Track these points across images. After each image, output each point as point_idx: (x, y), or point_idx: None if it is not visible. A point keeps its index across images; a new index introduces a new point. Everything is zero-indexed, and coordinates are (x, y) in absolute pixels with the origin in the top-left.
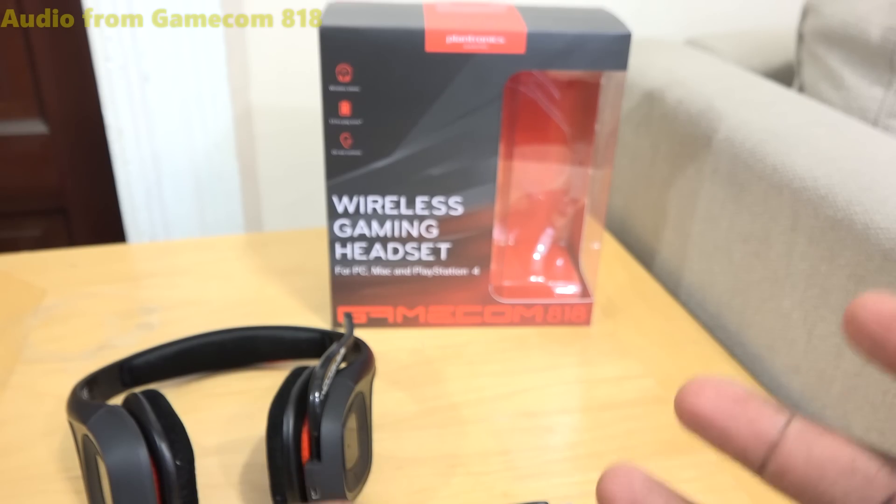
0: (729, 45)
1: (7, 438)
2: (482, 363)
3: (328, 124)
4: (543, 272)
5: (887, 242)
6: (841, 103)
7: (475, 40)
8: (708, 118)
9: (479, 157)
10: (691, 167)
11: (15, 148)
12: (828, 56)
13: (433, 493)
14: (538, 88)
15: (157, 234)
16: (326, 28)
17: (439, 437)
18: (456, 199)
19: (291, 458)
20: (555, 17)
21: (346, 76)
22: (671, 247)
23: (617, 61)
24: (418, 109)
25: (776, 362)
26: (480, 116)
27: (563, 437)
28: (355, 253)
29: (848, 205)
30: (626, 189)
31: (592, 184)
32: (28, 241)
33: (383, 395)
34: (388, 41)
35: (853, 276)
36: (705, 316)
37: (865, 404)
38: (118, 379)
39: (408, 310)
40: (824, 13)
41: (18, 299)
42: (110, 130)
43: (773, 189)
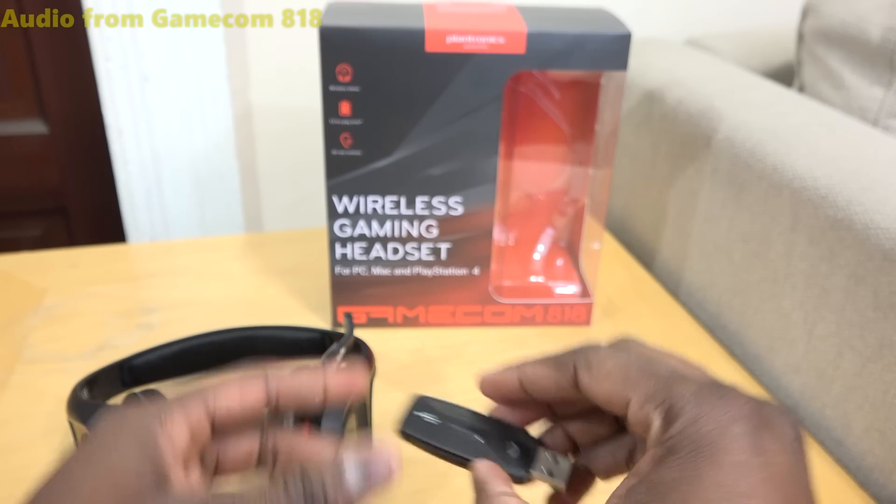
0: (729, 45)
1: (7, 438)
2: (482, 363)
3: (328, 124)
4: (543, 272)
5: (887, 242)
6: (841, 103)
7: (475, 40)
8: (708, 118)
9: (479, 157)
10: (691, 167)
11: (15, 148)
12: (828, 56)
13: (433, 493)
14: (538, 88)
15: (157, 234)
16: (326, 28)
17: None
18: (456, 199)
19: None
20: (555, 17)
21: (346, 76)
22: (671, 247)
23: (617, 61)
24: (418, 109)
25: (776, 362)
26: (480, 116)
27: None
28: (355, 253)
29: (848, 205)
30: (626, 189)
31: (592, 184)
32: (28, 241)
33: (383, 395)
34: (388, 41)
35: (853, 276)
36: (705, 316)
37: (865, 404)
38: (118, 379)
39: (408, 310)
40: (824, 13)
41: (18, 299)
42: (110, 130)
43: (773, 189)
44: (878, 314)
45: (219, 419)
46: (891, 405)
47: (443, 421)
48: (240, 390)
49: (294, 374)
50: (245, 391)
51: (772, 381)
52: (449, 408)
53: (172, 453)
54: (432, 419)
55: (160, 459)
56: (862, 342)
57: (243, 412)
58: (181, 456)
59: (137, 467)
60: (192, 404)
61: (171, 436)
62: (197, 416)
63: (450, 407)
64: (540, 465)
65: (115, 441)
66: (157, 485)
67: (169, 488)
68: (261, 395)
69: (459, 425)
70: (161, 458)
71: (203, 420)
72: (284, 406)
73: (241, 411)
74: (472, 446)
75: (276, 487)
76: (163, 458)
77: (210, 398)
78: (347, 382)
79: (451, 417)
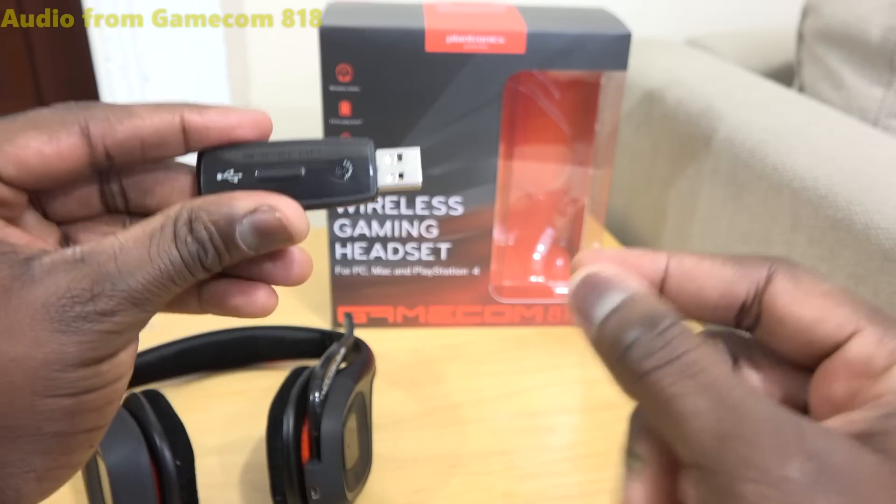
0: (729, 45)
1: None
2: (482, 363)
3: (328, 124)
4: (543, 272)
5: (887, 242)
6: (841, 103)
7: (475, 40)
8: (708, 118)
9: (479, 157)
10: (691, 167)
11: None
12: (828, 56)
13: (433, 493)
14: (538, 88)
15: None
16: (326, 28)
17: (439, 437)
18: (456, 199)
19: (291, 458)
20: (555, 17)
21: (346, 76)
22: (671, 247)
23: (617, 61)
24: (418, 109)
25: None
26: (480, 116)
27: (563, 437)
28: (355, 253)
29: (848, 205)
30: (626, 189)
31: (592, 184)
32: None
33: (383, 395)
34: (388, 41)
35: (853, 276)
36: None
37: None
38: None
39: (408, 310)
40: (824, 13)
41: None
42: None
43: (773, 189)
44: None
45: (13, 174)
46: None
47: (245, 173)
48: (41, 136)
49: (134, 110)
50: (52, 137)
51: None
52: (245, 154)
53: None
54: (232, 177)
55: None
56: None
57: (49, 162)
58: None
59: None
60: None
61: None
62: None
63: (246, 152)
64: (385, 171)
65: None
66: (9, 263)
67: (26, 261)
68: (76, 141)
69: (266, 169)
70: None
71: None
72: (120, 157)
73: (42, 162)
74: (292, 189)
75: (164, 232)
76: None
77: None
78: (223, 116)
79: (254, 163)
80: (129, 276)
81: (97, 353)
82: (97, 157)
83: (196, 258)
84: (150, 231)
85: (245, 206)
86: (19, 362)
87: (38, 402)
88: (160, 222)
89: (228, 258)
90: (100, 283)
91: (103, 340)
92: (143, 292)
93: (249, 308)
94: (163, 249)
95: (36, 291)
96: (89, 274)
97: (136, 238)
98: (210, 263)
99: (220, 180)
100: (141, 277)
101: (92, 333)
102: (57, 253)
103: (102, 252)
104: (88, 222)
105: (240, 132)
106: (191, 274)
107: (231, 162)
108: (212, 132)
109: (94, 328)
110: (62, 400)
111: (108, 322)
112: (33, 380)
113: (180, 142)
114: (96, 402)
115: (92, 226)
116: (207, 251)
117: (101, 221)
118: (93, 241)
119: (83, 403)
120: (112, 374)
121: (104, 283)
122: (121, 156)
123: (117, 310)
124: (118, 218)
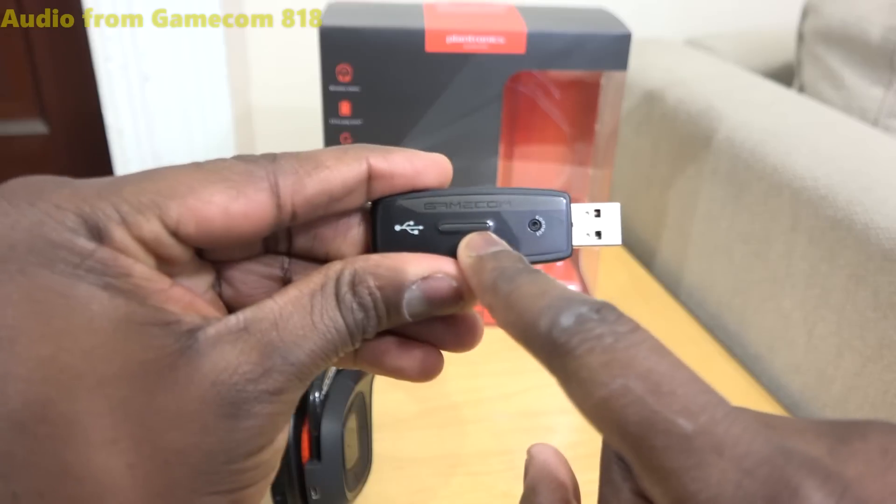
0: (729, 45)
1: None
2: (482, 363)
3: (328, 124)
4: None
5: (887, 242)
6: (841, 103)
7: (475, 40)
8: (708, 118)
9: (479, 157)
10: (691, 167)
11: (15, 148)
12: (828, 56)
13: (433, 493)
14: (538, 88)
15: None
16: (326, 28)
17: (439, 437)
18: None
19: (291, 457)
20: (555, 17)
21: (346, 76)
22: (671, 247)
23: (617, 61)
24: (418, 109)
25: (776, 362)
26: (480, 116)
27: (563, 437)
28: None
29: (848, 205)
30: (626, 189)
31: (592, 184)
32: None
33: (383, 395)
34: (388, 41)
35: (853, 276)
36: (705, 316)
37: (865, 404)
38: None
39: None
40: (824, 13)
41: None
42: (110, 130)
43: (773, 189)
44: (878, 314)
45: (191, 233)
46: (891, 405)
47: (426, 225)
48: (228, 191)
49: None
50: (239, 193)
51: (772, 381)
52: (427, 203)
53: (150, 286)
54: (413, 228)
55: (143, 298)
56: (862, 342)
57: (233, 222)
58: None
59: (121, 315)
60: (138, 215)
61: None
62: (150, 231)
63: (427, 201)
64: (581, 229)
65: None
66: (174, 335)
67: (190, 332)
68: (264, 199)
69: (451, 221)
70: (142, 295)
71: (160, 235)
72: (305, 215)
73: (226, 222)
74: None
75: (325, 295)
76: (146, 296)
77: (172, 206)
78: (421, 164)
79: (437, 214)
80: (296, 347)
81: (263, 439)
82: (283, 218)
83: (360, 327)
84: (308, 293)
85: (417, 271)
86: (185, 455)
87: (196, 500)
88: (320, 282)
89: (386, 325)
90: (269, 357)
91: (271, 424)
92: (310, 366)
93: (412, 372)
94: (327, 316)
95: (203, 369)
96: (256, 346)
97: (296, 301)
98: (370, 332)
99: (399, 231)
100: (308, 349)
101: (261, 417)
102: (221, 322)
103: (264, 319)
104: (244, 261)
105: (424, 179)
106: (352, 344)
107: (411, 212)
108: (397, 180)
109: (263, 410)
110: (220, 498)
111: (278, 402)
112: (195, 475)
113: (364, 192)
114: (253, 498)
115: (247, 265)
116: (370, 318)
117: (257, 261)
118: (253, 306)
119: (240, 502)
120: (271, 464)
121: (273, 357)
122: (306, 214)
123: (286, 387)
124: (277, 259)
